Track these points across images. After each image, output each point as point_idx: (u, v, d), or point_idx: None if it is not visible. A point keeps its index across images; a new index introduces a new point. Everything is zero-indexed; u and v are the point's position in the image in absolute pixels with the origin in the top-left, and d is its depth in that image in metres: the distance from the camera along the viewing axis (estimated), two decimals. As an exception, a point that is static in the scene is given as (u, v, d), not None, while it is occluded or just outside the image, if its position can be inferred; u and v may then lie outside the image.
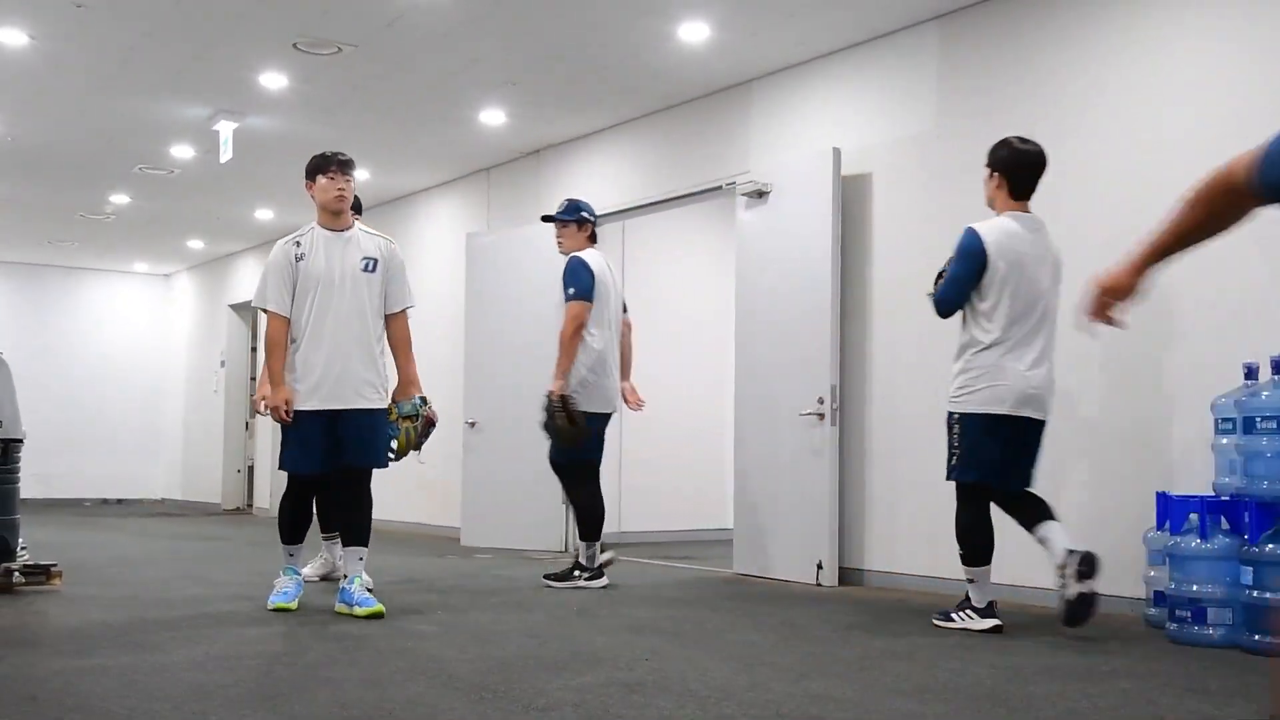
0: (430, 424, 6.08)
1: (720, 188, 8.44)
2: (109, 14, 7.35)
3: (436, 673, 4.24)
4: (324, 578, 6.96)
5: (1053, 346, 5.43)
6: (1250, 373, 5.15)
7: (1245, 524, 4.95)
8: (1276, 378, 5.00)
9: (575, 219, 7.24)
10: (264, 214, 13.31)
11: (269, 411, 5.85)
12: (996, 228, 5.41)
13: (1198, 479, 5.45)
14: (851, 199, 7.42)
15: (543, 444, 7.51)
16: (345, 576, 5.80)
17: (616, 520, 10.29)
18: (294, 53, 7.95)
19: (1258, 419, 4.95)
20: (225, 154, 9.64)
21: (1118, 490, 5.97)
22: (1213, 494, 5.23)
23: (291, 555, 5.99)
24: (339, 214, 5.86)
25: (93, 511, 15.49)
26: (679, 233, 10.78)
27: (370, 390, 5.78)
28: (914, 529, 6.99)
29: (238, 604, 6.03)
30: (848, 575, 7.24)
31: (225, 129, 9.47)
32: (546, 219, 7.46)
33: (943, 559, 6.81)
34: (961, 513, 5.49)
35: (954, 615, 5.47)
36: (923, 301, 7.02)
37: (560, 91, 8.73)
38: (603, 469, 9.81)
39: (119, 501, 17.28)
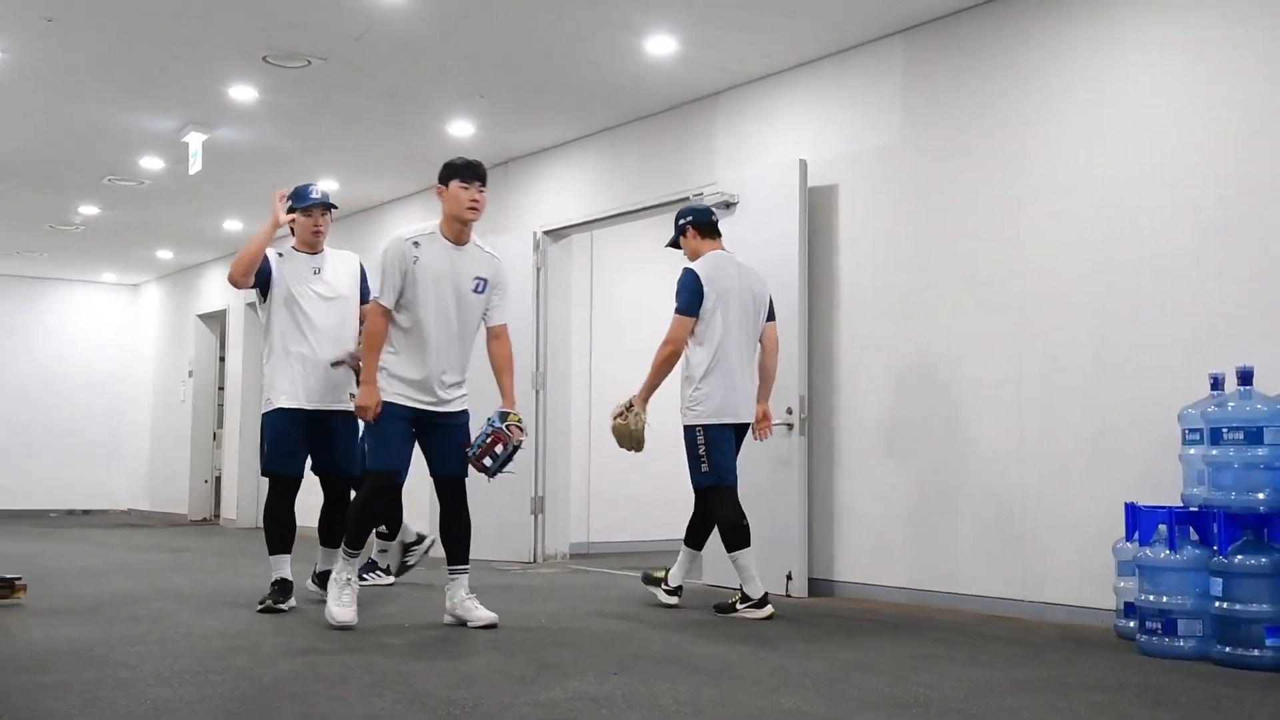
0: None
1: (687, 199, 8.43)
2: (79, 27, 7.30)
3: (403, 687, 4.21)
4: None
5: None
6: (1216, 383, 5.17)
7: (1214, 535, 4.97)
8: (1242, 389, 5.02)
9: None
10: (233, 224, 13.23)
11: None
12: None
13: (1166, 490, 5.47)
14: (818, 210, 7.44)
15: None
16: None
17: (585, 531, 10.29)
18: (264, 65, 7.91)
19: (1224, 429, 4.98)
20: (195, 165, 9.59)
21: (1087, 500, 5.99)
22: (1181, 505, 5.25)
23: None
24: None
25: (58, 522, 15.34)
26: (646, 244, 10.70)
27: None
28: (883, 539, 6.99)
29: (204, 617, 5.97)
30: (817, 586, 7.24)
31: (195, 140, 9.42)
32: (331, 205, 6.97)
33: (913, 569, 6.83)
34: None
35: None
36: (890, 311, 7.06)
37: (528, 104, 8.72)
38: (572, 479, 9.87)
39: (85, 512, 17.12)
